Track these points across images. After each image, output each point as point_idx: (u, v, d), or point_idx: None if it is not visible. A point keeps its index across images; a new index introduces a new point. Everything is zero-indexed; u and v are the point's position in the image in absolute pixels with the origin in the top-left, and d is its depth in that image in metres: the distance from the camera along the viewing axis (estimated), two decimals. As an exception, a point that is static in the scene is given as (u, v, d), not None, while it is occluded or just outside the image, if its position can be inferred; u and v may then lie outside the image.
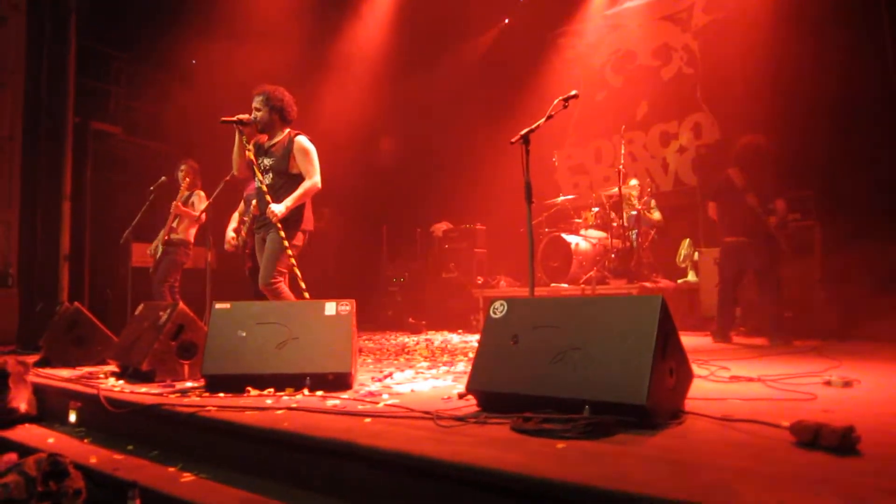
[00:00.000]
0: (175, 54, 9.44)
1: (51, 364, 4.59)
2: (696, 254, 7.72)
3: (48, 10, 8.15)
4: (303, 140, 4.48)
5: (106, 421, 3.15)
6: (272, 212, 4.26)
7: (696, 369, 2.81)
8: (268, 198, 4.33)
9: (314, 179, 4.45)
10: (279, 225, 4.25)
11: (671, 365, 2.41)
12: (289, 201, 4.33)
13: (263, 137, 4.55)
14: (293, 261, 4.28)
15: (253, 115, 4.42)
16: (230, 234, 5.88)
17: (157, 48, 9.37)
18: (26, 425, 3.55)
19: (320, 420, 2.51)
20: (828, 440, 1.92)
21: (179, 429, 2.81)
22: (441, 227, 9.75)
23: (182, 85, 9.80)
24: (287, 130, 4.54)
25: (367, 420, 2.49)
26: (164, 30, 9.17)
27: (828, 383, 3.17)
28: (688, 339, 5.76)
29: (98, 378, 3.89)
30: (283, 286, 4.30)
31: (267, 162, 4.48)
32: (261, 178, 4.42)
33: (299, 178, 4.44)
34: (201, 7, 9.12)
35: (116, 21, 9.22)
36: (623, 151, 7.87)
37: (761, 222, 5.54)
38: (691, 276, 7.93)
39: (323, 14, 9.94)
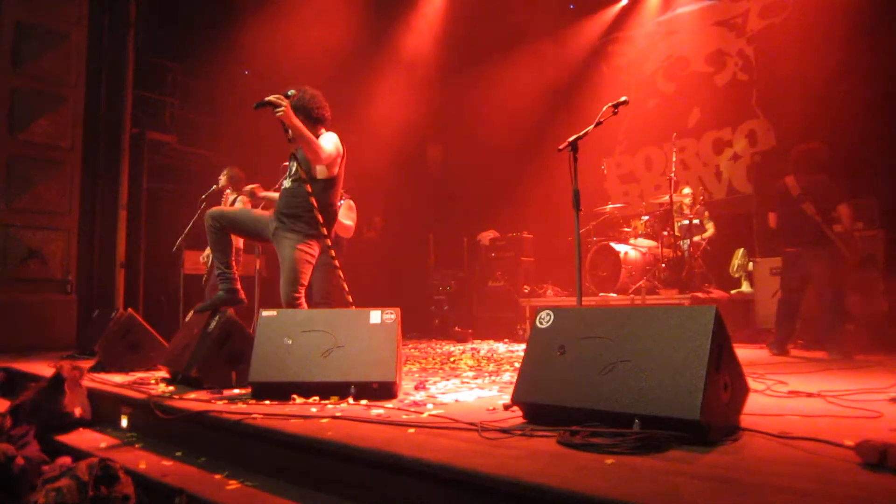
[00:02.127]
0: (228, 65, 9.65)
1: (105, 369, 4.70)
2: (751, 264, 7.50)
3: (107, 25, 8.43)
4: (330, 133, 4.13)
5: (156, 426, 3.21)
6: (279, 104, 3.76)
7: (752, 383, 2.71)
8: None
9: (321, 150, 3.93)
10: (289, 230, 3.96)
11: (726, 379, 2.31)
12: (296, 120, 3.82)
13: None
14: (340, 272, 4.13)
15: (276, 115, 3.97)
16: None
17: (211, 59, 9.59)
18: (80, 429, 3.64)
19: (364, 430, 2.50)
20: (897, 461, 1.81)
21: (226, 436, 2.83)
22: (488, 236, 9.71)
23: (234, 94, 10.02)
24: (322, 132, 4.16)
25: (411, 430, 2.46)
26: (217, 41, 9.39)
27: (893, 400, 3.01)
28: (743, 352, 5.58)
29: (149, 384, 3.96)
30: (304, 302, 4.03)
31: (294, 167, 4.11)
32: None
33: (323, 182, 4.07)
34: (253, 19, 9.32)
35: (171, 33, 9.49)
36: (674, 159, 7.70)
37: (820, 231, 5.34)
38: (745, 287, 7.70)
39: (374, 24, 10.05)
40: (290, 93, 4.07)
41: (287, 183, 4.13)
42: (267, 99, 3.92)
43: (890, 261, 6.27)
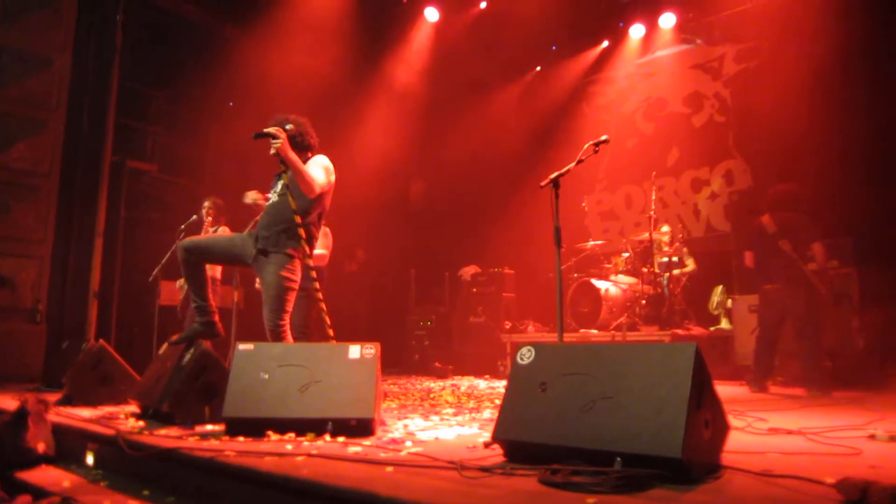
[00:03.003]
0: (212, 95, 9.65)
1: (73, 403, 4.56)
2: (730, 301, 7.55)
3: (93, 51, 8.39)
4: (322, 156, 4.12)
5: (123, 464, 3.09)
6: (277, 137, 3.81)
7: (732, 420, 2.69)
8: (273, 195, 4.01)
9: (317, 181, 3.94)
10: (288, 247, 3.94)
11: (707, 416, 2.30)
12: (291, 154, 3.85)
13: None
14: (323, 305, 4.04)
15: (272, 150, 3.94)
16: None
17: (196, 88, 9.59)
18: (43, 466, 3.49)
19: (341, 468, 2.43)
20: (877, 499, 1.79)
21: (197, 474, 2.73)
22: (469, 271, 9.70)
23: (218, 125, 9.99)
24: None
25: (389, 469, 2.40)
26: (202, 70, 9.40)
27: (872, 437, 3.03)
28: (722, 389, 5.60)
29: (118, 418, 3.85)
30: (289, 330, 3.98)
31: (279, 185, 4.09)
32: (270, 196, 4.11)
33: (308, 200, 4.01)
34: (240, 49, 9.36)
35: (157, 62, 9.47)
36: (654, 197, 7.79)
37: (798, 268, 5.42)
38: (724, 324, 7.74)
39: (358, 58, 10.14)
40: (287, 126, 4.05)
41: (273, 198, 4.08)
42: (266, 130, 3.92)
43: (864, 298, 6.36)
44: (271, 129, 3.89)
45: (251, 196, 4.47)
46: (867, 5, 7.19)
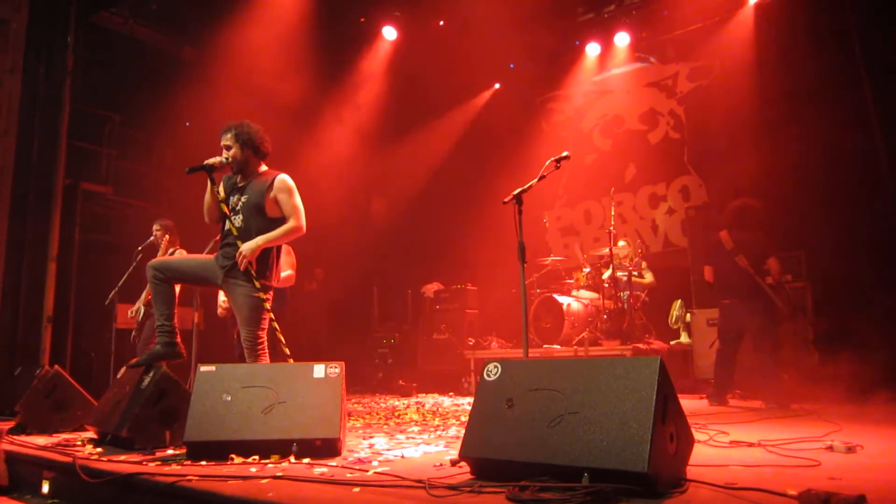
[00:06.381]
0: (169, 116, 9.53)
1: (27, 431, 4.41)
2: (689, 315, 7.69)
3: (43, 73, 8.20)
4: (287, 178, 3.99)
5: (80, 492, 3.00)
6: (241, 253, 3.77)
7: (695, 433, 2.74)
8: (238, 243, 3.86)
9: (300, 222, 3.96)
10: (252, 272, 3.83)
11: (671, 430, 2.33)
12: (260, 240, 3.84)
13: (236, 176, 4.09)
14: (276, 324, 3.96)
15: (224, 157, 3.98)
16: (223, 296, 5.74)
17: (151, 109, 9.46)
18: (-4, 496, 3.38)
19: (307, 490, 2.40)
20: (839, 510, 1.84)
21: (158, 500, 2.67)
22: (432, 288, 9.69)
23: (175, 146, 9.86)
24: (264, 168, 4.10)
25: (356, 489, 2.38)
26: (158, 91, 9.27)
27: (830, 448, 3.10)
28: (683, 402, 5.69)
29: (75, 445, 3.73)
30: (267, 350, 3.97)
31: (236, 199, 4.01)
32: (230, 216, 3.96)
33: (277, 223, 3.96)
34: (196, 70, 9.25)
35: (110, 83, 9.32)
36: (613, 213, 7.92)
37: (754, 283, 5.54)
38: (684, 338, 7.87)
39: (317, 76, 10.11)
40: (227, 159, 4.01)
41: (237, 222, 3.97)
42: (206, 162, 3.90)
43: (817, 311, 6.53)
44: (212, 161, 3.91)
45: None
46: (814, 23, 7.45)
